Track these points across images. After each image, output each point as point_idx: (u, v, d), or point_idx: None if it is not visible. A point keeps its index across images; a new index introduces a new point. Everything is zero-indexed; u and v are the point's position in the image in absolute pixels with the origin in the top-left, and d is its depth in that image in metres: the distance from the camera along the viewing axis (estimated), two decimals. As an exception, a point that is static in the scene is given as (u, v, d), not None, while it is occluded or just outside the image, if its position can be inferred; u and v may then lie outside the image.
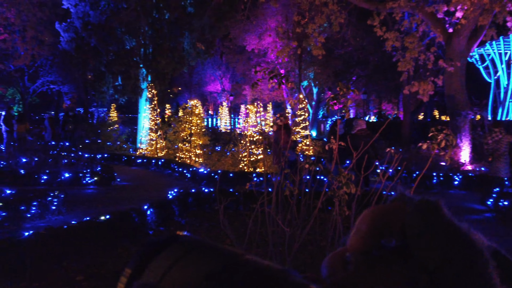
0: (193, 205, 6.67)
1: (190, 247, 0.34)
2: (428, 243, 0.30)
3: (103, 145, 16.38)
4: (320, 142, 16.59)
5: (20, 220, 5.66)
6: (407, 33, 11.80)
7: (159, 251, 0.34)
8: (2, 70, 25.68)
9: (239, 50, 29.85)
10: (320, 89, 26.15)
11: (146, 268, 0.33)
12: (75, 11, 15.38)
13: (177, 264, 0.32)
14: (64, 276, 3.88)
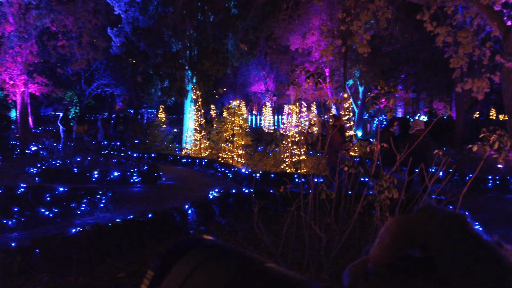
0: (233, 206, 6.71)
1: (212, 252, 0.34)
2: (452, 258, 0.29)
3: (151, 145, 16.99)
4: (365, 142, 16.11)
5: (71, 216, 5.98)
6: (460, 27, 11.13)
7: (181, 255, 0.34)
8: (61, 74, 27.49)
9: (283, 50, 29.75)
10: (367, 88, 25.38)
11: (168, 272, 0.33)
12: (125, 16, 16.06)
13: (198, 269, 0.33)
14: (107, 272, 4.03)
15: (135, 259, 4.39)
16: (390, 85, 3.49)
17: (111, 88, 35.61)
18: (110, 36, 16.98)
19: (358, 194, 4.07)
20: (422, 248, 0.32)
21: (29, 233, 5.14)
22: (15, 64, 20.25)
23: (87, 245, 4.16)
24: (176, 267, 0.33)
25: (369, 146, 4.08)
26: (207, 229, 5.59)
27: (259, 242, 4.69)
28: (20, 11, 19.83)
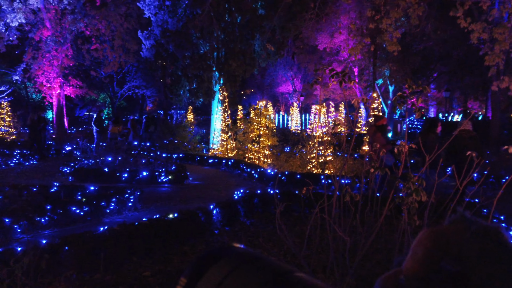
0: (258, 206, 6.69)
1: (242, 261, 0.35)
2: (487, 272, 0.29)
3: (179, 146, 17.26)
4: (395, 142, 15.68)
5: (100, 215, 6.15)
6: (496, 23, 10.64)
7: (212, 263, 0.35)
8: (94, 76, 28.45)
9: (311, 50, 29.52)
10: (397, 87, 24.75)
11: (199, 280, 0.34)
12: (155, 19, 16.41)
13: (229, 278, 0.33)
14: (133, 270, 4.10)
15: (160, 258, 4.45)
16: (419, 83, 3.35)
17: (142, 90, 36.50)
18: (141, 39, 17.40)
19: (386, 196, 3.95)
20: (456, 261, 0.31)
21: (61, 231, 5.32)
22: (52, 67, 21.13)
23: (114, 244, 4.25)
24: (207, 275, 0.34)
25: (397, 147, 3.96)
26: (232, 229, 5.60)
27: (283, 244, 4.64)
28: (56, 16, 20.67)
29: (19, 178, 9.73)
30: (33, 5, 19.66)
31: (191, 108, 21.88)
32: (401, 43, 13.33)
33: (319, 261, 4.02)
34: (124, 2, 21.71)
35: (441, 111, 32.04)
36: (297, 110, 33.17)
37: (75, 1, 20.51)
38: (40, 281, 2.99)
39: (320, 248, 4.17)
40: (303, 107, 35.91)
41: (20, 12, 19.31)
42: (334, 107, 32.99)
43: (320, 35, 22.71)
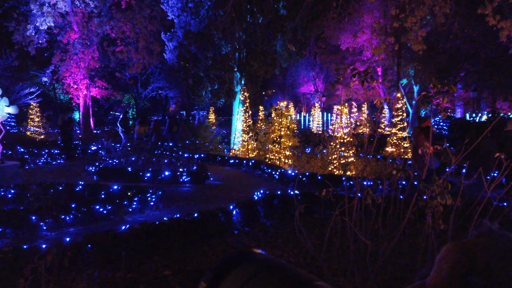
0: (278, 207, 6.65)
1: (261, 267, 0.35)
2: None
3: (200, 146, 17.42)
4: (420, 144, 15.31)
5: (123, 213, 6.26)
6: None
7: (231, 268, 0.35)
8: (119, 78, 29.08)
9: (333, 50, 29.22)
10: (422, 87, 24.17)
11: (219, 285, 0.34)
12: (178, 21, 16.62)
13: (249, 283, 0.33)
14: (154, 269, 4.15)
15: (181, 257, 4.48)
16: (444, 83, 3.24)
17: (165, 91, 37.07)
18: (164, 41, 17.66)
19: (409, 199, 3.85)
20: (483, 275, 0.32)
21: (85, 229, 5.44)
22: (79, 69, 21.74)
23: (135, 242, 4.31)
24: (226, 280, 0.34)
25: (421, 148, 3.85)
26: (251, 230, 5.58)
27: (303, 246, 4.59)
28: (83, 19, 21.25)
29: (46, 177, 10.04)
30: (61, 8, 20.28)
31: (213, 109, 22.05)
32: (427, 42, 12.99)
33: (340, 264, 3.96)
34: (148, 5, 22.12)
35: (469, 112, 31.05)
36: (319, 110, 32.89)
37: (101, 4, 21.04)
38: (63, 278, 3.06)
39: (341, 251, 4.10)
40: (325, 108, 35.58)
41: (49, 16, 19.95)
42: (357, 107, 32.55)
43: (343, 34, 22.44)
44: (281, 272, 0.34)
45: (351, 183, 8.35)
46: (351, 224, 3.23)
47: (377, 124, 3.93)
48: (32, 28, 20.35)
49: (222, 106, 23.53)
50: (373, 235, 3.60)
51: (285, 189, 8.35)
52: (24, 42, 20.72)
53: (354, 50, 24.29)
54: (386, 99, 3.86)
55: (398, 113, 15.09)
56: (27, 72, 27.60)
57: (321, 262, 3.36)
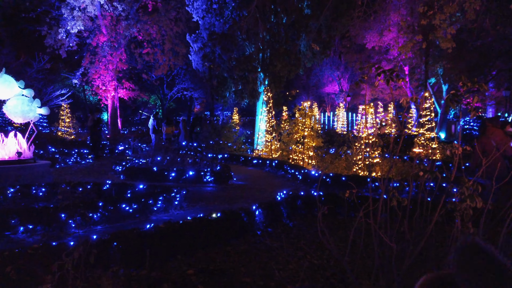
0: (301, 208, 6.60)
1: None
2: None
3: (224, 146, 17.53)
4: (449, 145, 14.87)
5: (148, 212, 6.36)
6: None
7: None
8: (146, 79, 29.67)
9: (359, 49, 28.81)
10: (451, 86, 23.43)
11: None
12: (202, 22, 16.80)
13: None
14: (177, 268, 4.19)
15: (203, 257, 4.51)
16: (475, 81, 3.12)
17: (190, 92, 37.54)
18: (189, 42, 17.88)
19: (437, 201, 3.73)
20: None
21: (111, 227, 5.57)
22: (107, 71, 22.33)
23: (160, 241, 4.37)
24: None
25: (450, 149, 3.72)
26: (274, 231, 5.56)
27: (326, 248, 4.53)
28: (112, 22, 21.83)
29: (75, 176, 10.36)
30: (90, 12, 20.90)
31: (237, 109, 22.18)
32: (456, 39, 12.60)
33: (364, 267, 3.88)
34: (174, 7, 22.48)
35: (501, 111, 29.86)
36: (343, 110, 32.48)
37: (128, 8, 21.54)
38: (89, 275, 3.13)
39: (365, 254, 4.02)
40: (350, 108, 35.08)
41: (79, 20, 20.60)
42: (383, 107, 31.93)
43: (368, 33, 22.05)
44: None
45: (376, 184, 8.19)
46: (375, 226, 3.16)
47: (403, 124, 3.82)
48: (63, 31, 21.07)
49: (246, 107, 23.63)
50: (399, 238, 3.51)
51: (308, 190, 8.28)
52: (55, 45, 21.50)
53: (380, 49, 23.84)
54: (413, 98, 3.75)
55: (426, 113, 14.69)
56: (59, 74, 28.59)
57: (345, 265, 3.30)
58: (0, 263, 3.33)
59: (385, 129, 23.36)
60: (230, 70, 16.39)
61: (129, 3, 21.38)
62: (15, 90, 8.86)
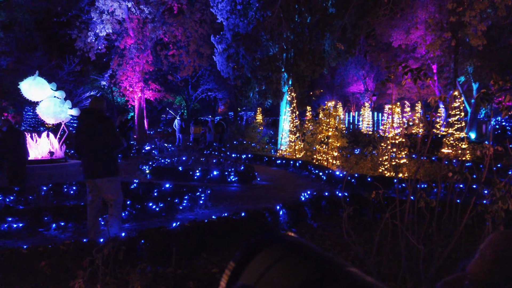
0: (326, 209, 6.55)
1: (291, 249, 0.34)
2: None
3: (247, 146, 17.60)
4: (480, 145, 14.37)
5: (174, 211, 6.48)
6: None
7: (261, 249, 0.35)
8: (171, 81, 30.16)
9: (385, 47, 28.26)
10: (482, 85, 22.65)
11: (248, 265, 0.35)
12: (226, 24, 16.93)
13: (276, 265, 0.33)
14: (202, 266, 4.25)
15: (228, 256, 4.55)
16: (506, 79, 3.02)
17: (214, 92, 37.89)
18: (213, 43, 18.06)
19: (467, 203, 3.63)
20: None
21: (138, 225, 5.71)
22: (134, 73, 22.84)
23: (185, 239, 4.45)
24: (256, 260, 0.34)
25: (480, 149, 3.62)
26: (298, 231, 5.55)
27: (351, 249, 4.49)
28: (138, 25, 22.33)
29: (105, 175, 10.63)
30: (118, 16, 21.45)
31: (260, 110, 22.21)
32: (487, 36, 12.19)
33: (390, 270, 3.82)
34: (198, 9, 22.75)
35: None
36: (368, 110, 31.95)
37: (155, 10, 21.96)
38: (118, 271, 3.22)
39: (391, 256, 3.96)
40: (376, 107, 34.49)
41: (108, 23, 21.18)
42: (410, 106, 31.20)
43: (395, 31, 21.60)
44: (310, 255, 0.33)
45: (403, 185, 8.03)
46: (402, 228, 3.10)
47: (431, 124, 3.74)
48: (92, 35, 21.71)
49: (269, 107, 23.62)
50: (427, 240, 3.44)
51: (333, 190, 8.21)
52: (85, 48, 22.17)
53: (406, 47, 23.31)
54: (441, 97, 3.66)
55: (455, 112, 14.27)
56: (88, 76, 29.47)
57: (370, 266, 3.27)
58: (35, 258, 3.48)
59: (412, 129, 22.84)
60: (254, 71, 16.44)
61: (155, 6, 21.80)
62: (48, 92, 9.21)
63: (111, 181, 4.74)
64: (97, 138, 4.68)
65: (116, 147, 4.85)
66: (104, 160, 4.71)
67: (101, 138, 4.69)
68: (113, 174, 4.76)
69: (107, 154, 4.76)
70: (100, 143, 4.68)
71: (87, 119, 4.79)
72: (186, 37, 23.44)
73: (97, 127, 4.68)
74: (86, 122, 4.77)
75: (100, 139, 4.68)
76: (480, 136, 24.19)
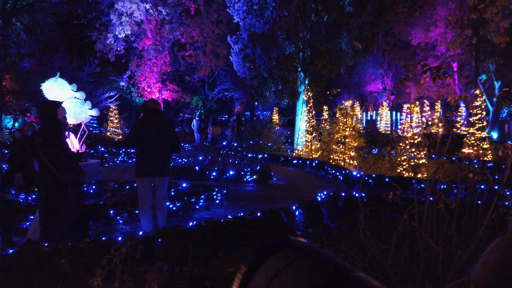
0: (343, 210, 6.49)
1: (301, 254, 0.35)
2: None
3: (264, 146, 17.59)
4: (502, 145, 13.99)
5: (191, 210, 6.53)
6: None
7: (272, 253, 0.36)
8: (188, 81, 30.41)
9: (403, 46, 27.82)
10: (504, 83, 22.04)
11: (258, 269, 0.36)
12: (243, 24, 16.97)
13: (286, 270, 0.34)
14: (219, 266, 4.27)
15: (244, 255, 4.56)
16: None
17: (231, 92, 38.00)
18: (230, 44, 18.13)
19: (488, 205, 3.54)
20: None
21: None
22: (152, 73, 23.13)
23: (201, 239, 4.48)
24: (266, 264, 0.35)
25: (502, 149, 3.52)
26: (314, 231, 5.51)
27: (368, 251, 4.43)
28: (156, 26, 22.60)
29: (123, 174, 10.83)
30: (137, 17, 21.76)
31: (277, 109, 22.15)
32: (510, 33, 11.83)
33: (408, 272, 3.75)
34: (215, 10, 22.87)
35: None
36: (387, 109, 31.49)
37: (172, 11, 22.19)
38: (135, 269, 3.27)
39: (409, 258, 3.89)
40: (394, 106, 33.97)
41: (126, 25, 21.52)
42: (429, 105, 30.59)
43: (414, 29, 21.24)
44: (321, 260, 0.34)
45: (422, 186, 7.89)
46: (421, 229, 3.05)
47: (451, 123, 3.66)
48: (111, 36, 22.10)
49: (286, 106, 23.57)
50: (446, 242, 3.37)
51: (350, 191, 8.13)
52: (104, 50, 22.58)
53: (426, 45, 22.91)
54: (462, 96, 3.58)
55: (477, 112, 13.93)
56: (107, 77, 30.00)
57: (388, 268, 3.22)
58: (55, 256, 3.56)
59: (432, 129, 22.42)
60: (270, 70, 16.43)
61: (172, 7, 22.02)
62: (68, 93, 9.41)
63: (165, 180, 5.02)
64: (165, 140, 4.93)
65: (180, 150, 5.26)
66: (166, 161, 4.98)
67: (169, 140, 4.97)
68: (169, 174, 5.07)
69: (170, 155, 5.10)
70: (166, 144, 4.95)
71: (158, 120, 4.95)
72: (203, 37, 23.58)
73: (167, 129, 4.96)
74: (154, 123, 4.92)
75: (167, 141, 4.95)
76: (502, 136, 23.52)
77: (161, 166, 4.91)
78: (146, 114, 5.01)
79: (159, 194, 5.01)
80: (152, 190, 5.01)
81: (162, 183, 4.98)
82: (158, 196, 5.02)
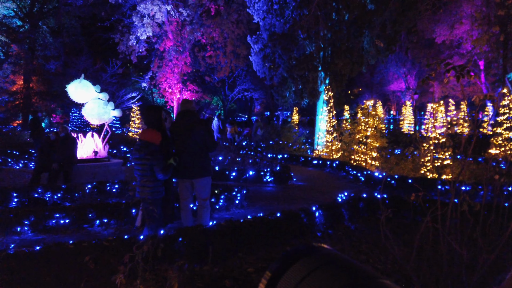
0: (364, 211, 6.41)
1: (325, 261, 0.36)
2: None
3: (283, 146, 17.55)
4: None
5: (211, 210, 6.58)
6: None
7: (296, 260, 0.37)
8: (208, 81, 30.66)
9: (427, 44, 27.24)
10: (534, 81, 21.25)
11: (282, 276, 0.36)
12: (263, 24, 16.98)
13: (310, 276, 0.34)
14: (238, 265, 4.29)
15: (263, 256, 4.56)
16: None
17: (251, 93, 38.09)
18: (250, 44, 18.16)
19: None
20: None
21: (177, 223, 5.84)
22: (173, 74, 23.45)
23: (221, 238, 4.50)
24: (290, 271, 0.36)
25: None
26: (335, 233, 5.46)
27: (389, 253, 4.36)
28: (177, 28, 22.89)
29: (145, 174, 10.97)
30: (158, 19, 22.10)
31: (297, 109, 22.08)
32: (540, 29, 11.38)
33: (431, 275, 3.67)
34: (235, 10, 22.98)
35: None
36: (410, 109, 30.89)
37: (193, 13, 22.43)
38: (156, 267, 3.33)
39: (432, 261, 3.80)
40: (418, 106, 33.27)
41: (148, 27, 21.88)
42: (454, 105, 29.83)
43: (438, 26, 20.74)
44: (343, 267, 0.34)
45: (446, 187, 7.70)
46: (444, 231, 2.98)
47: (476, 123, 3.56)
48: (134, 38, 22.52)
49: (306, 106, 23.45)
50: (470, 245, 3.28)
51: (371, 192, 8.02)
52: (127, 51, 23.04)
53: (451, 43, 22.34)
54: (488, 96, 3.48)
55: (504, 111, 13.49)
56: (129, 78, 30.60)
57: (410, 271, 3.16)
58: (80, 253, 3.66)
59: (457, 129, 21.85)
60: (290, 70, 16.37)
61: (193, 8, 22.25)
62: (92, 94, 9.66)
63: (203, 181, 4.95)
64: (197, 140, 4.85)
65: (213, 148, 5.02)
66: (200, 161, 4.88)
67: (201, 139, 4.86)
68: (209, 174, 4.99)
69: (205, 155, 4.96)
70: (199, 144, 4.86)
71: (186, 120, 4.95)
72: (223, 38, 23.74)
73: (196, 129, 4.86)
74: (185, 124, 4.93)
75: (200, 140, 4.86)
76: (532, 136, 22.68)
77: (194, 167, 4.85)
78: (177, 116, 5.08)
79: (199, 195, 5.02)
80: (192, 191, 5.03)
81: (201, 184, 4.93)
82: (199, 196, 5.04)
